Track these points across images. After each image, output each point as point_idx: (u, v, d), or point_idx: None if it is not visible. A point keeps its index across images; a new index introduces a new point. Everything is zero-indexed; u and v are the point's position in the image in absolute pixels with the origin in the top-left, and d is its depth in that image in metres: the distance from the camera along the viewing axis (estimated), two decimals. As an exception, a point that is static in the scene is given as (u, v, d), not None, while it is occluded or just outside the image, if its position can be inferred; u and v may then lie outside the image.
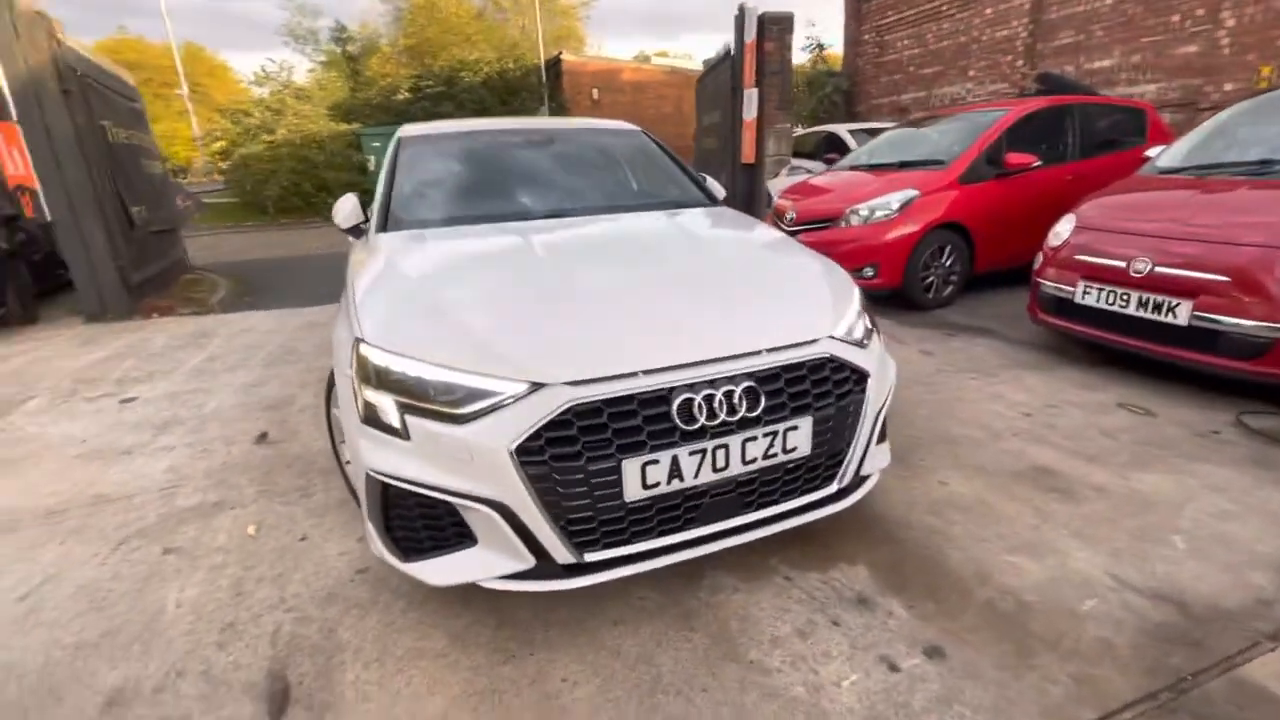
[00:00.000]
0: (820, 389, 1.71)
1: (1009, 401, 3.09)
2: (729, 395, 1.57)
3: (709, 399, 1.56)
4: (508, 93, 18.64)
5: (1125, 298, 3.14)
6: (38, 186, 5.21)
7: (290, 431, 3.08)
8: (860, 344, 1.85)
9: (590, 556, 1.56)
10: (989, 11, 9.55)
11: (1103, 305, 3.25)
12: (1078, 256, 3.43)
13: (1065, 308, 3.50)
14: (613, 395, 1.50)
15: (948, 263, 4.81)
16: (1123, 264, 3.15)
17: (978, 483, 2.37)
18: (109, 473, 2.73)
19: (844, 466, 1.82)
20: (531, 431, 1.45)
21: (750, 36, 6.88)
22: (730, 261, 2.23)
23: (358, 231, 2.69)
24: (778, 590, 1.83)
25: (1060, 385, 3.27)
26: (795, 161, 7.93)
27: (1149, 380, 3.26)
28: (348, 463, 2.30)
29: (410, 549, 1.64)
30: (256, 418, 3.26)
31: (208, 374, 4.02)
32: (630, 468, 1.50)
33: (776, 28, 6.93)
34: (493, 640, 1.68)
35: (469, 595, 1.84)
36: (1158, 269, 3.01)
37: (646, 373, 1.54)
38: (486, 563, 1.57)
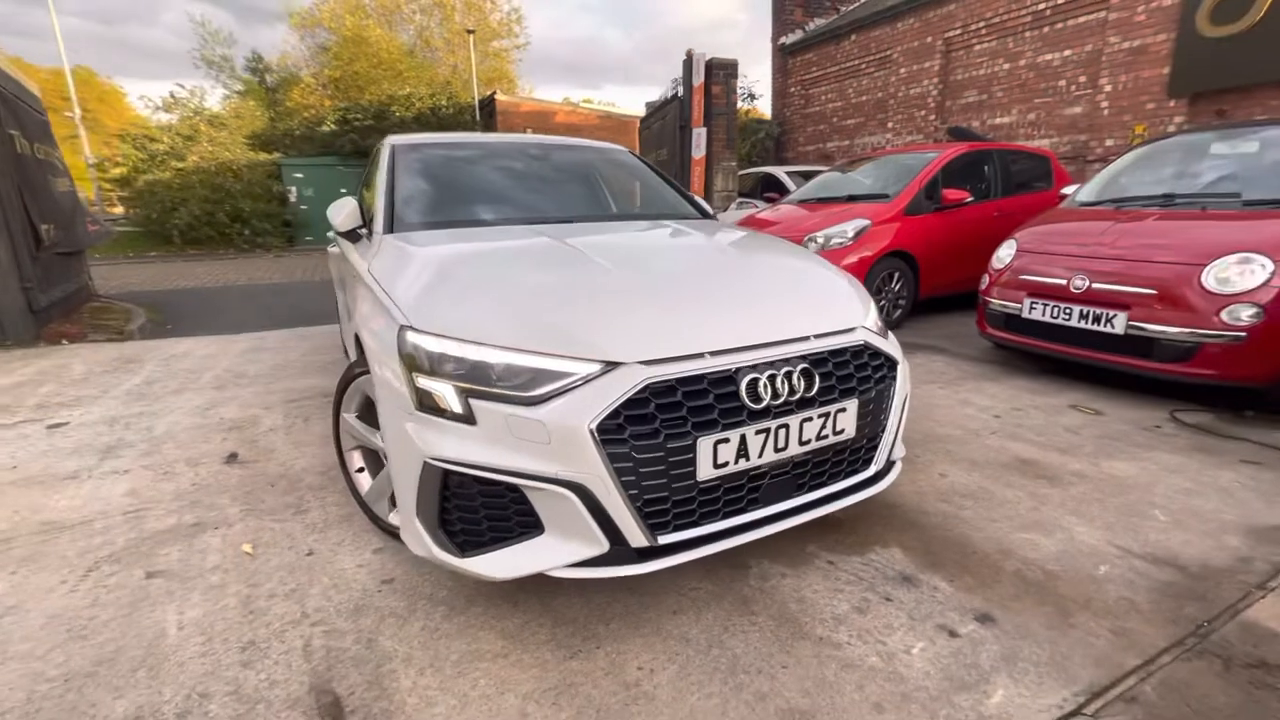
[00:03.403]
0: (862, 373, 1.80)
1: (977, 406, 3.33)
2: (789, 376, 1.63)
3: (772, 379, 1.61)
4: (441, 129, 18.51)
5: (1068, 311, 3.50)
6: (-68, 197, 4.66)
7: (263, 451, 2.84)
8: (884, 336, 1.98)
9: (663, 539, 1.55)
10: (903, 71, 10.57)
11: (1048, 319, 3.60)
12: (1022, 276, 3.80)
13: (1013, 323, 3.84)
14: (685, 374, 1.52)
15: (897, 288, 5.17)
16: (1064, 281, 3.52)
17: (974, 474, 2.53)
18: (54, 499, 2.42)
19: (880, 450, 1.91)
20: (610, 410, 1.44)
21: (699, 79, 7.27)
22: (761, 262, 2.31)
23: (354, 236, 2.60)
24: (824, 574, 1.87)
25: (1016, 392, 3.56)
26: (740, 199, 8.33)
27: (1090, 385, 3.61)
28: (359, 470, 2.16)
29: (469, 543, 1.57)
30: (221, 439, 2.99)
31: (148, 397, 3.66)
32: (704, 446, 1.51)
33: (723, 73, 7.37)
34: (552, 638, 1.61)
35: (515, 597, 1.76)
36: (1095, 285, 3.39)
37: (713, 354, 1.58)
38: (555, 551, 1.51)
